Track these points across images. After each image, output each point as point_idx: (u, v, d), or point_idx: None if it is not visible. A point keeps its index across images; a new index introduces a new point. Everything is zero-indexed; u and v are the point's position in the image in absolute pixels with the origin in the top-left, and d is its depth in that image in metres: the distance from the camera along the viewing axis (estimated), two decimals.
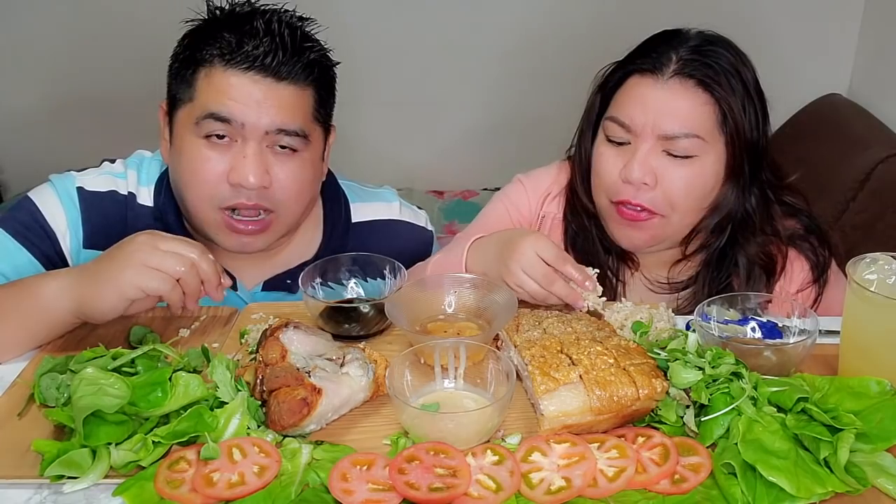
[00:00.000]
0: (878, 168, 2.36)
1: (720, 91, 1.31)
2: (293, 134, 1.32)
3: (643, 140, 1.32)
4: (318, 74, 1.35)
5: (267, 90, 1.29)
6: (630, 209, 1.34)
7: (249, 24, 1.30)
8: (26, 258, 1.38)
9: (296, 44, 1.31)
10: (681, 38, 1.36)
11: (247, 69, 1.28)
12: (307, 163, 1.36)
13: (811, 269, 1.42)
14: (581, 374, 1.00)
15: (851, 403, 0.98)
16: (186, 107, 1.32)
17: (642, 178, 1.31)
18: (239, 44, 1.28)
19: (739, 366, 1.03)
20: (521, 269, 1.19)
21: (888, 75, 2.84)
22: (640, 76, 1.34)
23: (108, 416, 0.96)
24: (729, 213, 1.37)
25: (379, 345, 1.21)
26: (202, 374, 1.07)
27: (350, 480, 0.91)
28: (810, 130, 2.88)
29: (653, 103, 1.31)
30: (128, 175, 1.45)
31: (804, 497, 0.87)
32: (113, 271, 1.15)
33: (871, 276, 1.05)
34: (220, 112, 1.28)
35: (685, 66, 1.31)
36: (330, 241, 1.50)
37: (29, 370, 1.15)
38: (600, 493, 0.90)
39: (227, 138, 1.30)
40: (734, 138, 1.33)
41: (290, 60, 1.30)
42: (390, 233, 1.56)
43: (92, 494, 0.93)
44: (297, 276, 1.42)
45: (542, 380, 1.00)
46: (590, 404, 0.98)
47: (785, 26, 3.04)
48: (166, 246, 1.16)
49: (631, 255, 1.47)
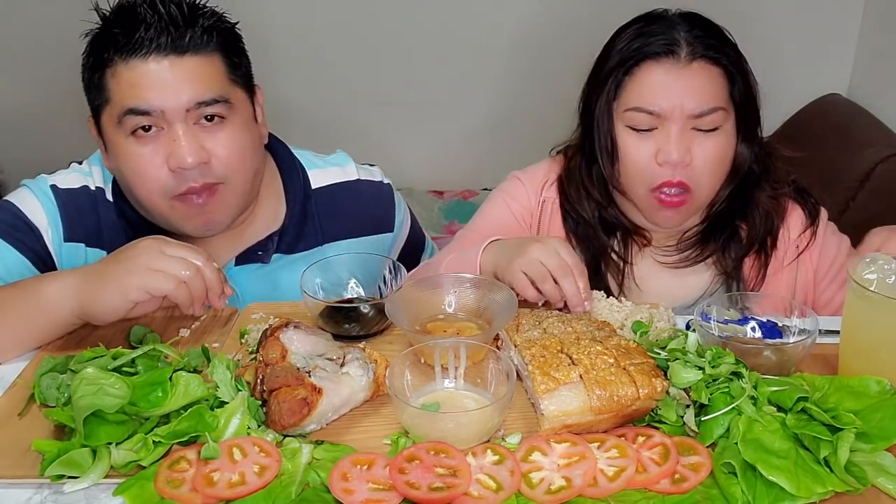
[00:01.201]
0: (878, 168, 2.36)
1: (727, 61, 1.37)
2: (213, 102, 1.31)
3: (673, 122, 1.34)
4: (219, 38, 1.34)
5: (171, 67, 1.29)
6: (669, 196, 1.37)
7: (135, 13, 1.30)
8: (16, 257, 1.39)
9: (185, 16, 1.31)
10: (674, 18, 1.40)
11: (145, 55, 1.28)
12: (238, 128, 1.36)
13: (807, 215, 1.49)
14: (581, 374, 1.00)
15: (851, 403, 0.98)
16: (105, 110, 1.33)
17: (682, 157, 1.34)
18: (130, 34, 1.29)
19: (739, 365, 1.03)
20: (519, 268, 1.20)
21: (888, 75, 2.84)
22: (654, 62, 1.36)
23: (109, 416, 0.96)
24: (741, 169, 1.43)
25: (379, 345, 1.21)
26: (202, 373, 1.07)
27: (350, 480, 0.91)
28: (810, 130, 2.88)
29: (676, 87, 1.34)
30: (93, 172, 1.48)
31: (804, 496, 0.88)
32: (117, 273, 1.15)
33: (870, 276, 1.05)
34: (137, 106, 1.29)
35: (696, 46, 1.36)
36: (293, 209, 1.51)
37: (29, 370, 1.15)
38: (600, 493, 0.90)
39: (153, 129, 1.30)
40: (743, 100, 1.39)
41: (184, 33, 1.30)
42: (351, 194, 1.57)
43: (92, 494, 0.93)
44: (266, 247, 1.47)
45: (543, 379, 1.00)
46: (590, 404, 0.98)
47: (785, 26, 3.04)
48: (171, 251, 1.17)
49: (643, 232, 1.49)
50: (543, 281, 1.20)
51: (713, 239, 1.46)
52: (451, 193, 3.26)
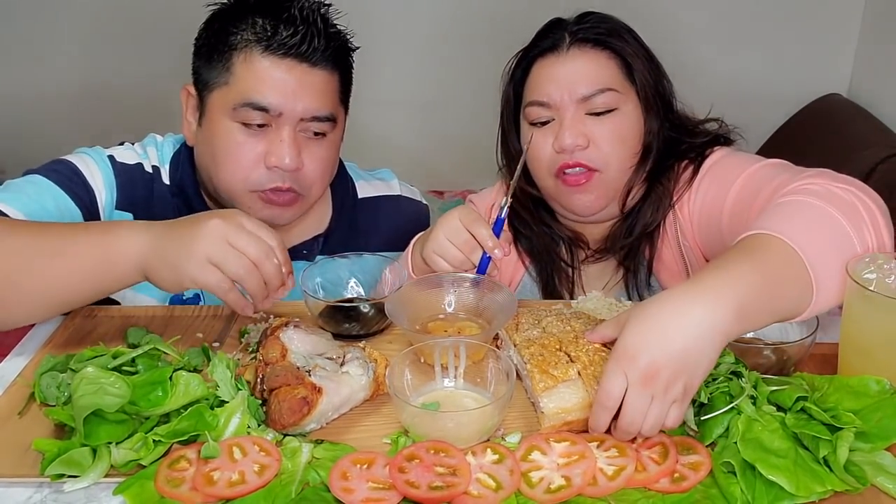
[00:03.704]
0: (878, 168, 2.36)
1: (616, 44, 1.42)
2: (324, 119, 1.36)
3: (565, 110, 1.40)
4: (342, 57, 1.39)
5: (302, 77, 1.32)
6: (572, 174, 1.41)
7: (283, 9, 1.32)
8: (70, 205, 1.35)
9: (327, 30, 1.35)
10: (566, 20, 1.47)
11: (283, 55, 1.31)
12: (333, 144, 1.42)
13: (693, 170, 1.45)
14: (579, 371, 1.00)
15: (851, 402, 0.98)
16: (221, 90, 1.34)
17: (575, 141, 1.38)
18: (275, 30, 1.31)
19: (739, 365, 1.03)
20: (444, 236, 1.25)
21: (888, 75, 2.84)
22: (542, 59, 1.44)
23: (109, 415, 0.96)
24: (650, 148, 1.45)
25: (379, 344, 1.21)
26: (202, 373, 1.07)
27: (350, 479, 0.91)
28: (810, 130, 2.88)
29: (562, 75, 1.41)
30: (148, 153, 1.48)
31: (803, 496, 0.88)
32: (179, 255, 1.10)
33: (870, 276, 1.05)
34: (259, 101, 1.31)
35: (578, 34, 1.43)
36: (340, 215, 1.56)
37: (29, 369, 1.15)
38: (600, 492, 0.90)
39: (263, 125, 1.33)
40: (643, 82, 1.43)
41: (322, 47, 1.33)
42: (394, 208, 1.63)
43: (92, 493, 0.93)
44: (311, 247, 1.51)
45: (541, 378, 1.00)
46: (589, 399, 0.98)
47: (785, 26, 3.04)
48: (237, 239, 1.10)
49: (580, 237, 1.54)
50: (472, 251, 1.24)
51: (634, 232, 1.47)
52: (451, 193, 3.26)
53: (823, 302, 1.03)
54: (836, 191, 1.11)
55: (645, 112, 1.43)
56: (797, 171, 1.25)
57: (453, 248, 1.25)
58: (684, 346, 0.91)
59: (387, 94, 3.23)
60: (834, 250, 1.04)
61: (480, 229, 1.23)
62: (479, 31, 3.12)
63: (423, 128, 3.33)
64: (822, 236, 1.05)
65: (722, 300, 0.93)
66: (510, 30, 3.12)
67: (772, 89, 3.06)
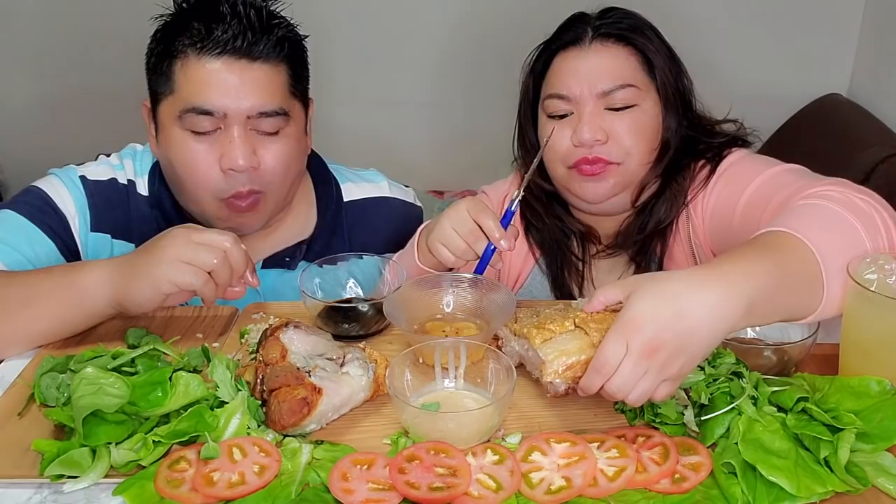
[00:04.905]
0: (878, 168, 2.36)
1: (638, 41, 1.42)
2: (273, 114, 1.34)
3: (584, 104, 1.40)
4: (289, 50, 1.36)
5: (242, 74, 1.31)
6: (588, 166, 1.40)
7: (216, 9, 1.31)
8: (44, 241, 1.37)
9: (263, 23, 1.32)
10: (589, 14, 1.47)
11: (219, 54, 1.30)
12: (291, 139, 1.38)
13: (709, 170, 1.45)
14: (576, 322, 1.01)
15: (852, 403, 0.98)
16: (168, 100, 1.34)
17: (593, 136, 1.38)
18: (208, 30, 1.30)
19: (740, 365, 1.03)
20: (450, 225, 1.25)
21: (888, 75, 2.84)
22: (563, 52, 1.44)
23: (108, 416, 0.96)
24: (668, 145, 1.45)
25: (379, 344, 1.21)
26: (202, 373, 1.07)
27: (350, 480, 0.91)
28: (810, 130, 2.88)
29: (583, 69, 1.41)
30: (124, 165, 1.48)
31: (804, 496, 0.88)
32: (149, 265, 1.14)
33: (871, 276, 1.05)
34: (201, 105, 1.30)
35: (601, 29, 1.43)
36: (325, 220, 1.53)
37: (29, 370, 1.15)
38: (600, 493, 0.90)
39: (212, 129, 1.32)
40: (663, 79, 1.43)
41: (259, 40, 1.31)
42: (383, 210, 1.60)
43: (92, 494, 0.93)
44: (294, 253, 1.48)
45: (538, 332, 1.01)
46: (590, 340, 0.98)
47: (785, 26, 3.04)
48: (199, 238, 1.16)
49: (592, 231, 1.53)
50: (476, 241, 1.24)
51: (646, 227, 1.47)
52: (451, 193, 3.26)
53: (830, 307, 1.04)
54: (856, 200, 1.12)
55: (664, 109, 1.43)
56: (815, 177, 1.25)
57: (457, 238, 1.24)
58: (692, 327, 0.90)
59: (387, 95, 3.24)
60: (848, 258, 1.05)
61: (487, 220, 1.23)
62: (479, 33, 3.12)
63: (423, 128, 3.33)
64: (840, 242, 1.05)
65: (737, 291, 0.93)
66: (510, 31, 3.13)
67: (772, 89, 3.06)
